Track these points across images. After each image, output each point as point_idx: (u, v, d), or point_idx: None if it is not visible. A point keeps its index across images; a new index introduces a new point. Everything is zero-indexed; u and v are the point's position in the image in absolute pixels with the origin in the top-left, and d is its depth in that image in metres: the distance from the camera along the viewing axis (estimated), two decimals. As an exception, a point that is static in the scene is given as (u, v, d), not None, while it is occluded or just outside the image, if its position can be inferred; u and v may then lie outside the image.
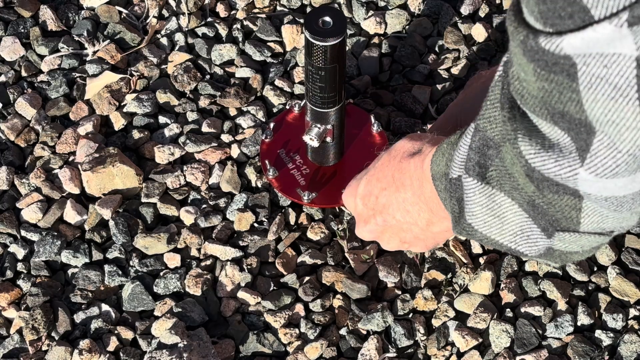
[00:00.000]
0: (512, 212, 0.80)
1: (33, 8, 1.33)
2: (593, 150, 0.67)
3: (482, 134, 0.77)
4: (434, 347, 1.09)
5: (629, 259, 1.13)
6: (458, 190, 0.83)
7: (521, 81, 0.68)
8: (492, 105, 0.74)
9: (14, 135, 1.23)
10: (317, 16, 1.00)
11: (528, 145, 0.71)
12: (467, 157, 0.80)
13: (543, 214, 0.76)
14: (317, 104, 1.07)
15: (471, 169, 0.80)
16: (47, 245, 1.15)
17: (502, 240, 0.83)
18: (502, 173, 0.77)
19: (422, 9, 1.31)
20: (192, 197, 1.19)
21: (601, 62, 0.61)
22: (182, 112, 1.25)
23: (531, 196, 0.76)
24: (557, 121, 0.67)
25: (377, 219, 0.99)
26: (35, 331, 1.10)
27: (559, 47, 0.62)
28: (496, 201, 0.80)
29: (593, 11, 0.59)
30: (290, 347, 1.09)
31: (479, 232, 0.84)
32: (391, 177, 0.96)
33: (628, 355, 1.07)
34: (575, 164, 0.69)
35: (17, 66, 1.29)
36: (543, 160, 0.71)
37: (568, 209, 0.74)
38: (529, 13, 0.63)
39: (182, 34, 1.30)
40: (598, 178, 0.68)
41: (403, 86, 1.25)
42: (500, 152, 0.76)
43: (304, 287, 1.12)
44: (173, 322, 1.09)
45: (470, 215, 0.83)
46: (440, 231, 0.97)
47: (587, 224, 0.75)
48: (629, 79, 0.61)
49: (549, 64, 0.63)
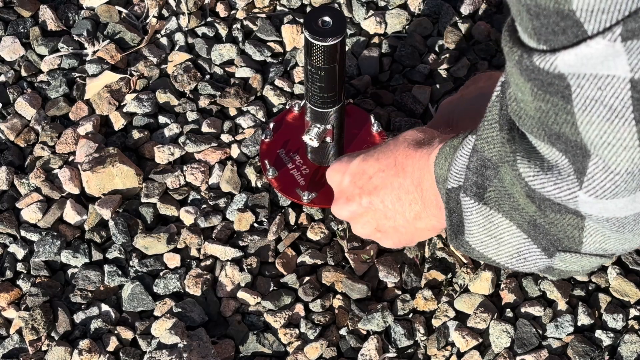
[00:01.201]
0: (510, 234, 0.79)
1: (33, 8, 1.33)
2: (589, 173, 0.66)
3: (479, 155, 0.76)
4: (434, 347, 1.09)
5: (629, 259, 1.13)
6: (457, 206, 0.82)
7: (518, 102, 0.67)
8: (490, 126, 0.74)
9: (14, 135, 1.23)
10: (317, 16, 1.00)
11: (527, 168, 0.70)
12: (465, 176, 0.79)
13: (544, 233, 0.76)
14: (317, 104, 1.07)
15: (469, 189, 0.79)
16: (46, 245, 1.15)
17: (498, 260, 0.83)
18: (501, 194, 0.76)
19: (422, 9, 1.31)
20: (192, 197, 1.19)
21: (595, 84, 0.60)
22: (182, 112, 1.25)
23: (532, 216, 0.75)
24: (554, 142, 0.67)
25: (363, 200, 0.98)
26: (35, 331, 1.09)
27: (553, 65, 0.61)
28: (494, 222, 0.79)
29: (586, 25, 0.58)
30: (290, 347, 1.09)
31: (475, 250, 0.83)
32: (393, 159, 0.94)
33: (628, 355, 1.07)
34: (574, 187, 0.68)
35: (16, 66, 1.29)
36: (542, 183, 0.70)
37: (570, 228, 0.73)
38: (523, 30, 0.62)
39: (182, 33, 1.30)
40: (597, 200, 0.67)
41: (403, 86, 1.25)
42: (499, 173, 0.75)
43: (304, 287, 1.12)
44: (173, 322, 1.09)
45: (468, 233, 0.82)
46: (424, 228, 0.96)
47: (589, 244, 0.74)
48: (624, 100, 0.60)
49: (544, 83, 0.63)
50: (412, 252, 1.13)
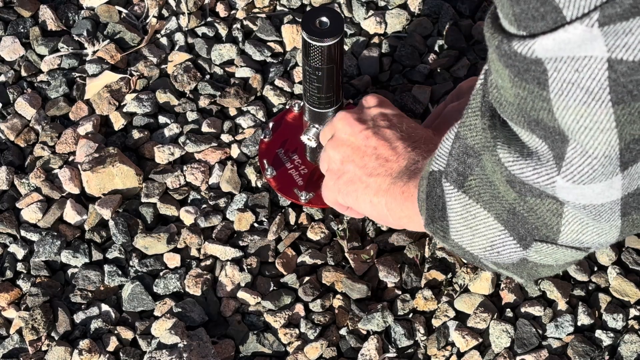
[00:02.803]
0: (485, 226, 0.79)
1: (33, 8, 1.33)
2: (568, 158, 0.67)
3: (462, 142, 0.77)
4: (434, 347, 1.09)
5: (629, 259, 1.13)
6: (437, 190, 0.83)
7: (499, 89, 0.68)
8: (473, 113, 0.74)
9: (14, 135, 1.23)
10: (315, 16, 1.00)
11: (507, 153, 0.71)
12: (447, 162, 0.80)
13: (523, 222, 0.76)
14: (315, 104, 1.07)
15: (449, 175, 0.79)
16: (46, 245, 1.15)
17: (472, 250, 0.83)
18: (482, 182, 0.77)
19: (422, 9, 1.30)
20: (192, 197, 1.19)
21: (572, 67, 0.61)
22: (182, 112, 1.25)
23: (512, 204, 0.75)
24: (533, 129, 0.67)
25: (365, 132, 1.01)
26: (35, 331, 1.10)
27: (531, 50, 0.62)
28: (471, 212, 0.79)
29: (565, 11, 0.59)
30: (290, 347, 1.09)
31: (450, 238, 0.83)
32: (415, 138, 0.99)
33: (628, 355, 1.07)
34: (552, 172, 0.69)
35: (16, 66, 1.29)
36: (522, 168, 0.71)
37: (549, 214, 0.73)
38: (504, 17, 0.63)
39: (182, 33, 1.30)
40: (575, 185, 0.68)
41: (403, 86, 1.25)
42: (481, 161, 0.76)
43: (304, 287, 1.12)
44: (173, 322, 1.09)
45: (448, 220, 0.82)
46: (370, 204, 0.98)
47: (566, 234, 0.75)
48: (601, 81, 0.61)
49: (521, 70, 0.63)
50: (412, 252, 1.13)
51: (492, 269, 0.86)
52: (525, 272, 0.83)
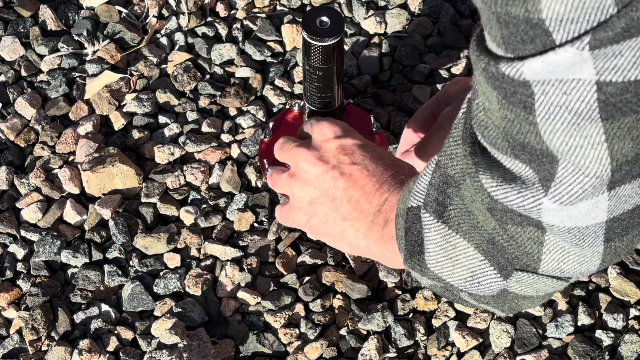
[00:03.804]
0: (466, 256, 0.78)
1: (33, 8, 1.33)
2: (558, 178, 0.66)
3: (442, 171, 0.76)
4: (434, 347, 1.09)
5: (629, 258, 1.13)
6: (414, 222, 0.82)
7: (486, 111, 0.67)
8: (455, 142, 0.74)
9: (14, 135, 1.23)
10: (315, 16, 1.00)
11: (490, 179, 0.70)
12: (426, 192, 0.79)
13: (503, 251, 0.75)
14: (315, 104, 1.07)
15: (429, 205, 0.79)
16: (46, 245, 1.15)
17: (452, 281, 0.82)
18: (461, 212, 0.76)
19: (422, 9, 1.30)
20: (192, 197, 1.19)
21: (560, 89, 0.60)
22: (182, 111, 1.25)
23: (491, 234, 0.74)
24: (517, 154, 0.67)
25: (331, 173, 0.95)
26: (35, 331, 1.09)
27: (519, 72, 0.61)
28: (451, 242, 0.79)
29: (555, 35, 0.58)
30: (290, 347, 1.09)
31: (430, 270, 0.82)
32: (382, 171, 0.94)
33: (628, 355, 1.07)
34: (539, 194, 0.68)
35: (16, 66, 1.29)
36: (505, 193, 0.70)
37: (530, 242, 0.73)
38: (492, 39, 0.62)
39: (181, 33, 1.30)
40: (562, 206, 0.67)
41: (403, 86, 1.25)
42: (460, 190, 0.75)
43: (304, 287, 1.12)
44: (173, 322, 1.09)
45: (426, 252, 0.82)
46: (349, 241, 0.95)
47: (547, 262, 0.74)
48: (590, 102, 0.60)
49: (508, 92, 0.63)
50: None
51: (472, 305, 0.85)
52: (506, 305, 0.82)
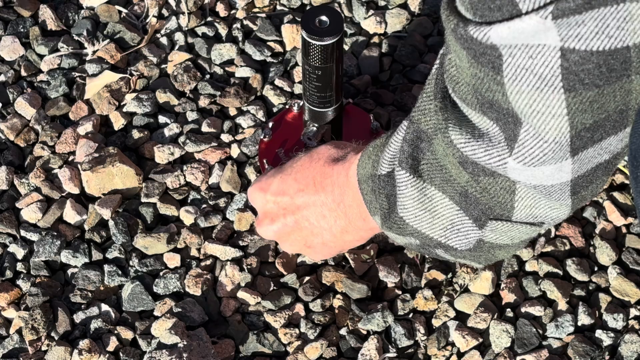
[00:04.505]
0: (443, 206, 0.80)
1: (32, 7, 1.32)
2: (520, 140, 0.68)
3: (415, 126, 0.78)
4: (434, 347, 1.08)
5: (630, 258, 1.13)
6: (388, 186, 0.83)
7: (457, 67, 0.69)
8: (427, 97, 0.76)
9: (14, 135, 1.23)
10: (314, 15, 1.00)
11: (459, 135, 0.73)
12: (400, 149, 0.81)
13: (476, 203, 0.77)
14: (315, 103, 1.07)
15: (404, 161, 0.80)
16: (46, 245, 1.15)
17: (432, 234, 0.83)
18: (433, 166, 0.78)
19: (423, 9, 1.30)
20: (192, 197, 1.19)
21: (527, 53, 0.63)
22: (182, 111, 1.25)
23: (464, 186, 0.77)
24: (485, 111, 0.69)
25: (288, 219, 0.99)
26: (34, 331, 1.09)
27: (486, 36, 0.63)
28: (427, 195, 0.80)
29: (521, 5, 0.61)
30: (290, 347, 1.09)
31: (410, 225, 0.84)
32: (312, 179, 0.96)
33: (628, 355, 1.07)
34: (504, 153, 0.70)
35: (16, 66, 1.29)
36: (473, 149, 0.72)
37: (503, 192, 0.75)
38: (461, 3, 0.65)
39: (181, 33, 1.30)
40: (526, 167, 0.70)
41: (403, 86, 1.25)
42: (432, 145, 0.77)
43: (304, 287, 1.12)
44: (173, 322, 1.09)
45: (402, 208, 0.83)
46: (353, 240, 0.98)
47: (519, 210, 0.76)
48: (554, 68, 0.63)
49: (477, 53, 0.65)
50: (412, 252, 1.13)
51: (448, 259, 0.87)
52: (482, 257, 0.84)
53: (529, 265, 1.13)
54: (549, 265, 1.12)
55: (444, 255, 0.86)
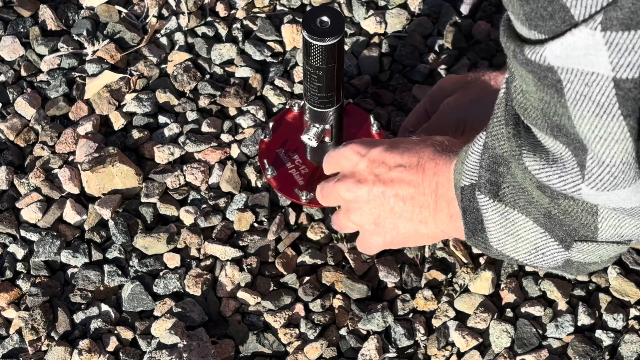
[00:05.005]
0: (527, 230, 0.80)
1: (32, 7, 1.32)
2: (588, 167, 0.68)
3: (491, 152, 0.77)
4: (434, 347, 1.08)
5: (630, 258, 1.13)
6: (472, 203, 0.83)
7: (524, 93, 0.68)
8: (499, 122, 0.75)
9: (14, 135, 1.23)
10: (315, 16, 1.00)
11: (533, 161, 0.72)
12: (478, 174, 0.80)
13: (560, 224, 0.76)
14: (315, 103, 1.07)
15: (483, 187, 0.80)
16: (46, 245, 1.15)
17: (516, 257, 0.83)
18: (515, 189, 0.77)
19: (422, 9, 1.30)
20: (192, 197, 1.19)
21: (582, 81, 0.62)
22: (182, 111, 1.25)
23: (547, 207, 0.76)
24: (556, 135, 0.68)
25: (375, 187, 0.96)
26: (34, 331, 1.09)
27: (542, 57, 0.63)
28: (509, 219, 0.80)
29: (572, 10, 0.60)
30: (290, 347, 1.09)
31: (493, 248, 0.84)
32: (417, 159, 0.94)
33: (628, 355, 1.07)
34: (577, 179, 0.69)
35: (16, 66, 1.29)
36: (548, 176, 0.71)
37: (584, 214, 0.74)
38: (516, 17, 0.64)
39: (181, 33, 1.30)
40: (600, 192, 0.69)
41: (403, 86, 1.25)
42: (511, 169, 0.76)
43: (304, 287, 1.12)
44: (173, 322, 1.09)
45: (487, 231, 0.83)
46: (425, 234, 0.97)
47: (604, 230, 0.75)
48: (609, 97, 0.62)
49: (539, 76, 0.65)
50: (412, 252, 1.13)
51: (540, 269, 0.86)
52: (574, 270, 0.83)
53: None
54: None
55: (536, 266, 0.86)
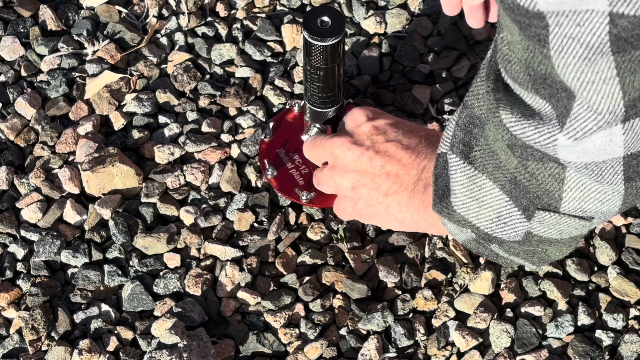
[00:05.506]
0: (492, 197, 0.80)
1: (33, 8, 1.33)
2: (574, 114, 0.67)
3: (469, 111, 0.78)
4: (434, 347, 1.09)
5: (629, 258, 1.13)
6: (440, 167, 0.83)
7: (510, 44, 0.69)
8: (481, 82, 0.75)
9: (14, 135, 1.23)
10: (316, 16, 1.00)
11: (509, 114, 0.72)
12: (453, 133, 0.80)
13: (525, 191, 0.77)
14: (316, 103, 1.07)
15: (455, 146, 0.80)
16: (46, 245, 1.15)
17: (478, 224, 0.83)
18: (485, 153, 0.78)
19: (422, 9, 1.30)
20: (192, 197, 1.19)
21: (574, 20, 0.61)
22: (182, 111, 1.25)
23: (513, 173, 0.76)
24: (538, 88, 0.68)
25: (367, 153, 0.98)
26: (34, 331, 1.09)
27: (533, 2, 0.62)
28: (477, 183, 0.80)
29: None
30: (290, 347, 1.09)
31: (457, 212, 0.84)
32: (417, 143, 0.96)
33: (628, 355, 1.07)
34: (554, 130, 0.70)
35: (16, 66, 1.29)
36: (523, 128, 0.71)
37: (551, 179, 0.74)
38: None
39: (181, 33, 1.30)
40: (576, 142, 0.69)
41: (403, 86, 1.25)
42: (485, 131, 0.77)
43: (304, 287, 1.12)
44: (173, 322, 1.09)
45: (452, 194, 0.83)
46: (394, 216, 0.98)
47: (568, 201, 0.75)
48: (602, 36, 0.61)
49: (524, 25, 0.64)
50: (412, 252, 1.13)
51: (504, 259, 0.86)
52: (535, 256, 0.83)
53: (529, 265, 1.13)
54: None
55: (499, 251, 0.86)
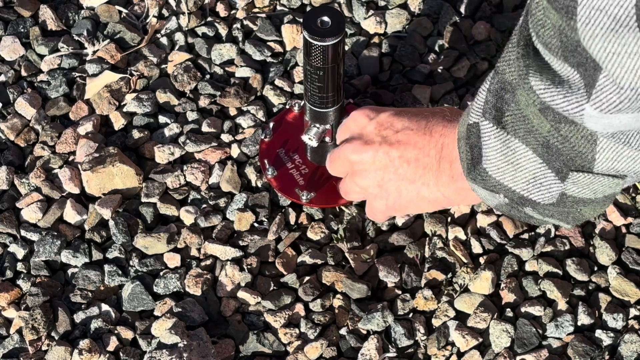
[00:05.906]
0: (526, 159, 0.81)
1: (33, 8, 1.33)
2: (599, 85, 0.68)
3: (500, 77, 0.79)
4: (434, 347, 1.09)
5: (629, 258, 1.13)
6: (473, 136, 0.84)
7: (545, 9, 0.69)
8: (513, 48, 0.76)
9: (14, 135, 1.23)
10: (316, 16, 1.00)
11: (539, 81, 0.73)
12: (485, 100, 0.81)
13: (558, 154, 0.78)
14: (316, 103, 1.07)
15: (488, 112, 0.81)
16: (46, 245, 1.15)
17: (515, 187, 0.84)
18: (517, 117, 0.79)
19: (422, 9, 1.31)
20: (192, 197, 1.19)
21: None
22: (182, 111, 1.25)
23: (546, 137, 0.77)
24: (567, 56, 0.69)
25: (381, 150, 0.99)
26: (35, 331, 1.10)
27: None
28: (510, 147, 0.81)
29: None
30: (290, 347, 1.09)
31: (493, 178, 0.85)
32: (425, 122, 0.97)
33: (628, 355, 1.07)
34: (582, 100, 0.70)
35: (16, 66, 1.29)
36: (552, 96, 0.73)
37: (584, 141, 0.75)
38: None
39: (182, 33, 1.30)
40: (603, 114, 0.70)
41: (403, 86, 1.25)
42: (516, 96, 0.78)
43: (304, 287, 1.12)
44: (173, 322, 1.09)
45: (485, 160, 0.84)
46: (426, 198, 0.98)
47: (601, 162, 0.77)
48: (628, 9, 0.63)
49: None
50: (412, 252, 1.14)
51: (537, 220, 0.87)
52: (570, 215, 0.84)
53: (529, 265, 1.13)
54: (549, 265, 1.12)
55: (533, 214, 0.86)
